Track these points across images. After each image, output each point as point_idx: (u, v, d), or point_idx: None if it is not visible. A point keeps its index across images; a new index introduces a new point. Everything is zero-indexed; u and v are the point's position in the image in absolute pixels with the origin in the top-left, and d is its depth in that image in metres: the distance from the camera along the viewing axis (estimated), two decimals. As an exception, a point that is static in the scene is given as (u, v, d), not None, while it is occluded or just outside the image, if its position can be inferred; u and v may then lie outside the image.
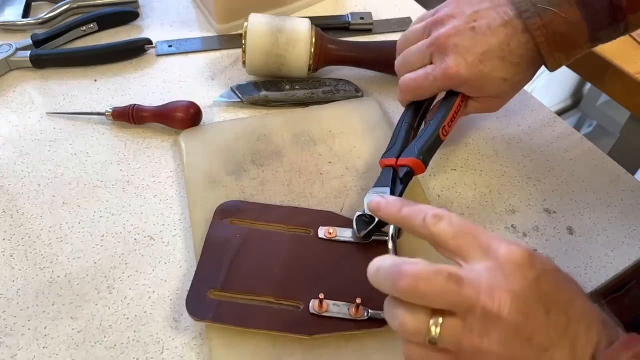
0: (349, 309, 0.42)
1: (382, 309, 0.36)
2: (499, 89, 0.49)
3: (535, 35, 0.46)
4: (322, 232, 0.48)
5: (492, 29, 0.47)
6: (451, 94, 0.51)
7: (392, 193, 0.47)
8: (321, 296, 0.42)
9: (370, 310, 0.42)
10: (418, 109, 0.53)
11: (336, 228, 0.48)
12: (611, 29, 0.46)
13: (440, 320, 0.33)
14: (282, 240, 0.47)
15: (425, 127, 0.50)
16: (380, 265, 0.34)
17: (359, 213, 0.47)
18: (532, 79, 0.51)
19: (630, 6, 0.45)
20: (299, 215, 0.49)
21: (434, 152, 0.49)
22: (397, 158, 0.49)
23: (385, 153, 0.50)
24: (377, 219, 0.46)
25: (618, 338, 0.34)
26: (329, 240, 0.47)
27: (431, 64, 0.50)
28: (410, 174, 0.48)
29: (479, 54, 0.47)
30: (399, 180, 0.48)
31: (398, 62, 0.53)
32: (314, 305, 0.43)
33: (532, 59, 0.48)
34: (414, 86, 0.51)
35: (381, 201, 0.40)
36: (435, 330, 0.33)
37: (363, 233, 0.46)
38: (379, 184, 0.49)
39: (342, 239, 0.47)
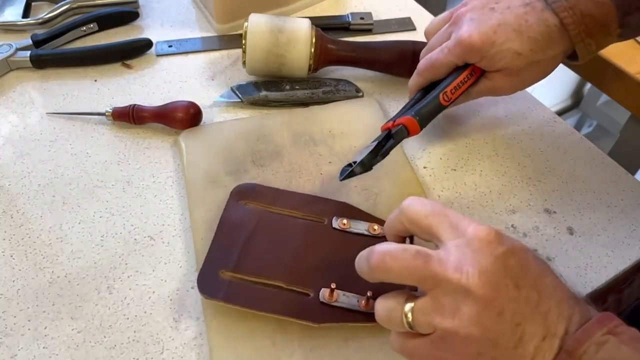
0: (358, 301, 0.43)
1: None
2: (512, 63, 0.48)
3: (563, 17, 0.46)
4: (336, 222, 0.48)
5: (511, 8, 0.47)
6: (463, 67, 0.50)
7: (381, 146, 0.48)
8: (333, 285, 0.42)
9: None
10: (429, 90, 0.52)
11: (350, 220, 0.48)
12: (639, 13, 0.46)
13: (413, 304, 0.34)
14: (295, 227, 0.47)
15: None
16: (362, 253, 0.37)
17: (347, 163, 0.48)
18: (553, 65, 0.50)
19: None
20: (315, 203, 0.50)
21: (433, 115, 0.49)
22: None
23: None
24: (355, 164, 0.47)
25: (591, 315, 0.34)
26: (343, 231, 0.47)
27: None
28: (402, 131, 0.48)
29: (494, 25, 0.47)
30: (391, 137, 0.48)
31: (424, 50, 0.54)
32: (324, 293, 0.43)
33: (553, 38, 0.47)
34: (429, 64, 0.51)
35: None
36: (409, 314, 0.34)
37: (341, 178, 0.48)
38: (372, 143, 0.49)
39: (355, 230, 0.47)
